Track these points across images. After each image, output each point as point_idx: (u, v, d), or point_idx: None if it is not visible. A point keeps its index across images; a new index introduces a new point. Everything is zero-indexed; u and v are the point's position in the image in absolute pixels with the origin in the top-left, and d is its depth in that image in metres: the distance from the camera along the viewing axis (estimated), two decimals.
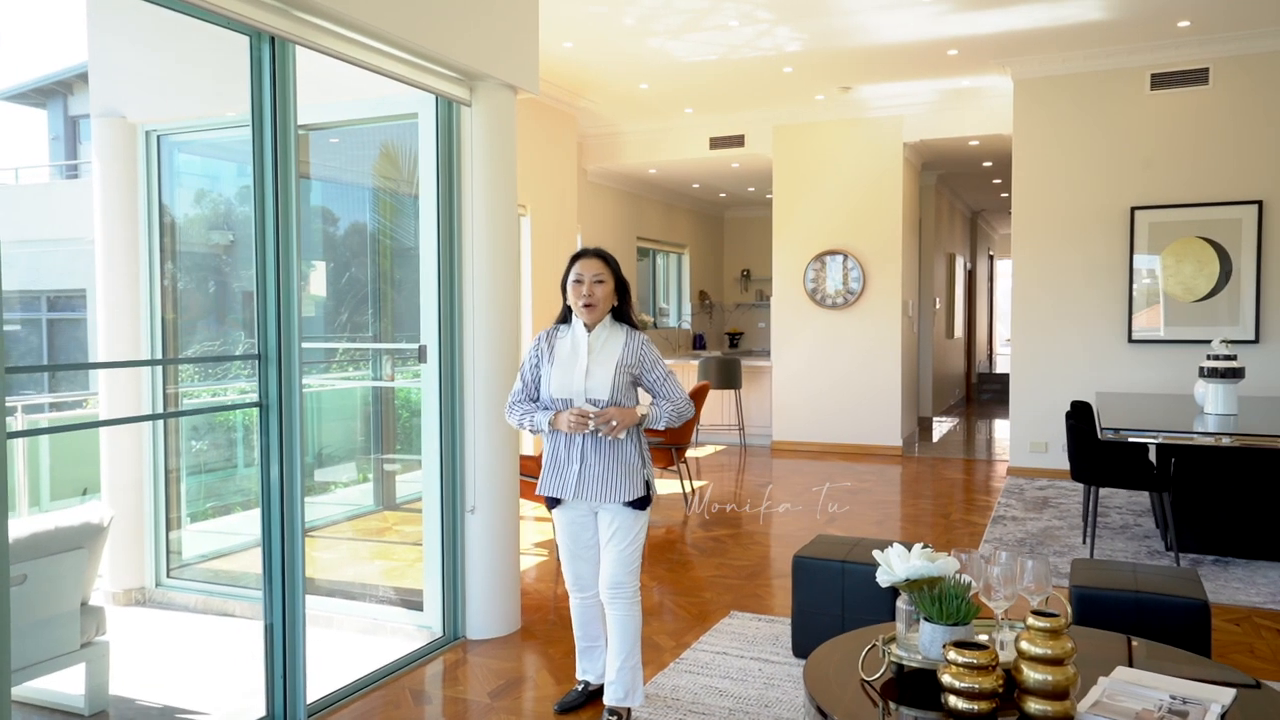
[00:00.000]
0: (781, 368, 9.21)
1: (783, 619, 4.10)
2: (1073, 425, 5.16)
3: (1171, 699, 2.12)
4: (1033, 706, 2.03)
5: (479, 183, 3.83)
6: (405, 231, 5.09)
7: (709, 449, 9.38)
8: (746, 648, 3.76)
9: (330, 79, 3.87)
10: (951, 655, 2.06)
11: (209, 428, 4.82)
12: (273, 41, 2.94)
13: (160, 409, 4.25)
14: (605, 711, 3.05)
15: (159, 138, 4.42)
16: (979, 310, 15.88)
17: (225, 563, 4.78)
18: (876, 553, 2.50)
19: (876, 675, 2.30)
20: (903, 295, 8.85)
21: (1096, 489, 5.07)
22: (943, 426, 10.87)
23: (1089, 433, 5.08)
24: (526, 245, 7.70)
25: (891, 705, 2.20)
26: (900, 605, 2.44)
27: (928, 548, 2.44)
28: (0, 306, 2.19)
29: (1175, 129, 7.10)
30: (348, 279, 5.43)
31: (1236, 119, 6.93)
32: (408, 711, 3.27)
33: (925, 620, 2.30)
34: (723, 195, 12.50)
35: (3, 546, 2.15)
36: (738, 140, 9.28)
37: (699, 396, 6.52)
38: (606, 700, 3.05)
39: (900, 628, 2.43)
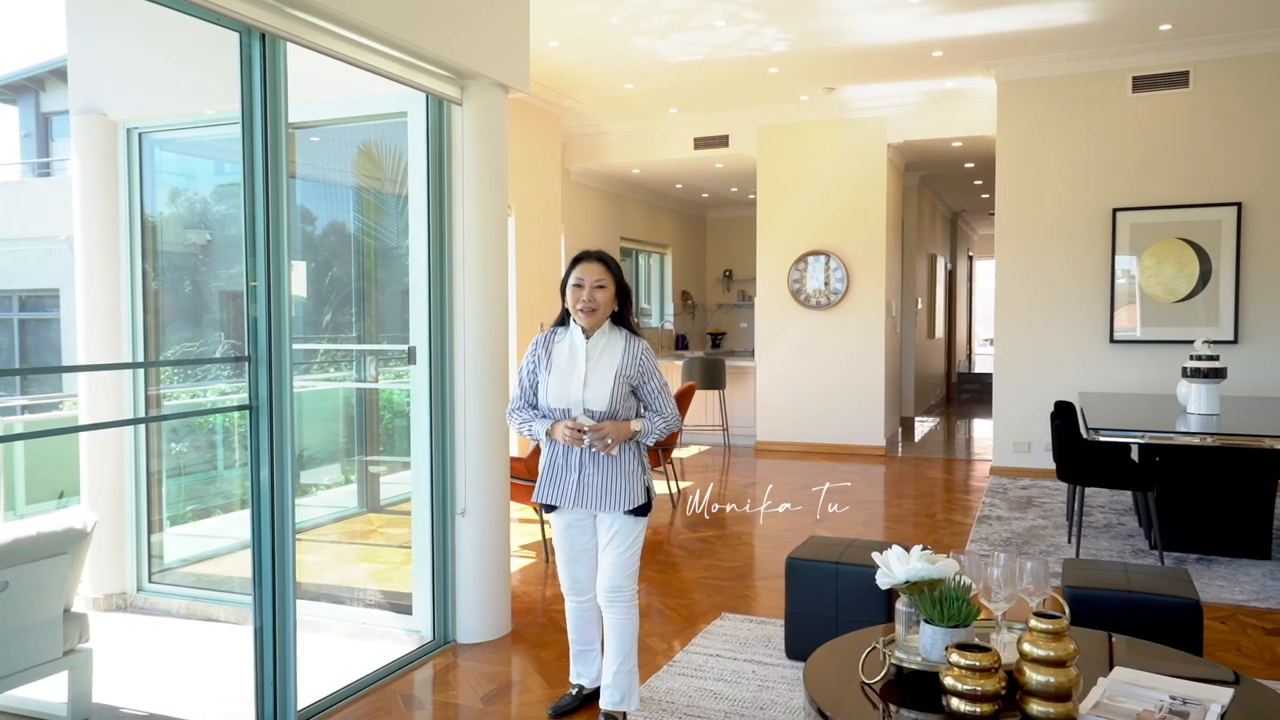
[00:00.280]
0: (765, 368, 9.22)
1: (774, 620, 4.10)
2: (1058, 425, 5.20)
3: (1171, 699, 2.13)
4: (1035, 708, 2.03)
5: (470, 182, 3.80)
6: (389, 231, 5.04)
7: (693, 449, 9.37)
8: (739, 650, 3.75)
9: (317, 77, 3.82)
10: (954, 657, 2.06)
11: (188, 429, 4.74)
12: (263, 38, 2.90)
13: (142, 411, 4.18)
14: (601, 715, 3.03)
15: (140, 135, 4.34)
16: (959, 310, 16.00)
17: (208, 566, 4.71)
18: (876, 555, 2.49)
19: (877, 678, 2.29)
20: (886, 295, 8.89)
21: (1082, 489, 5.11)
22: (924, 426, 10.93)
23: (1074, 433, 5.12)
24: (511, 246, 7.65)
25: (892, 708, 2.20)
26: (900, 607, 2.43)
27: (927, 549, 2.44)
28: None
29: (1156, 131, 7.17)
30: (330, 279, 5.37)
31: (1216, 121, 7.01)
32: (399, 717, 3.23)
33: (926, 622, 2.29)
34: (705, 195, 12.50)
35: None
36: (722, 140, 9.28)
37: (685, 397, 6.51)
38: (602, 704, 3.03)
39: (900, 630, 2.42)
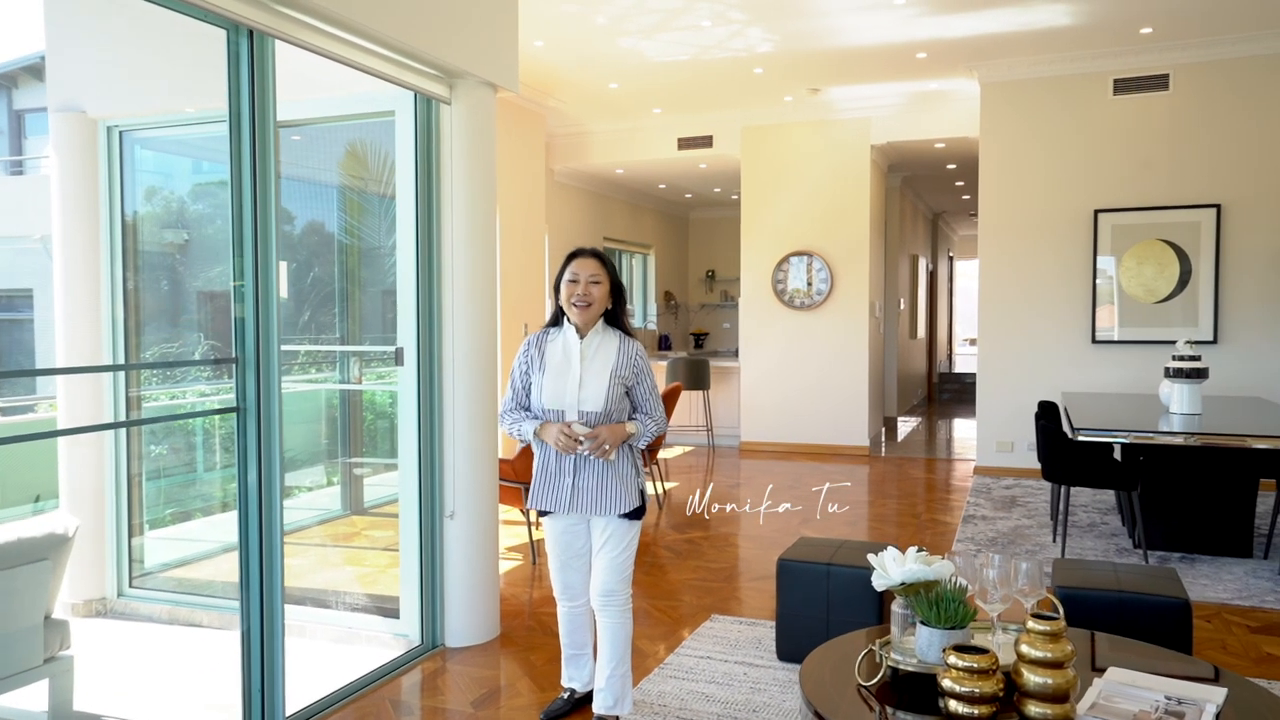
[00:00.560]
0: (750, 368, 9.23)
1: (764, 622, 4.09)
2: (1043, 426, 5.23)
3: (1166, 699, 2.14)
4: (1033, 710, 2.03)
5: (459, 182, 3.77)
6: (373, 231, 4.99)
7: (677, 450, 9.36)
8: (730, 652, 3.74)
9: (303, 75, 3.77)
10: (952, 660, 2.06)
11: (167, 431, 4.68)
12: (251, 35, 2.85)
13: (124, 413, 4.12)
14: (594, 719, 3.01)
15: (121, 133, 4.28)
16: (939, 311, 16.09)
17: (190, 571, 4.64)
18: (871, 556, 2.49)
19: (873, 680, 2.28)
20: (869, 296, 8.92)
21: (1067, 489, 5.14)
22: (907, 426, 10.98)
23: (1060, 433, 5.15)
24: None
25: (889, 710, 2.19)
26: (895, 609, 2.43)
27: (923, 551, 2.44)
28: None
29: (1137, 133, 7.24)
30: (311, 279, 5.31)
31: (1195, 124, 7.09)
32: None
33: (922, 624, 2.29)
34: (688, 196, 12.50)
35: None
36: (706, 141, 9.28)
37: (671, 398, 6.50)
38: (596, 708, 3.01)
39: (895, 632, 2.42)
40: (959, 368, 17.53)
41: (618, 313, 2.98)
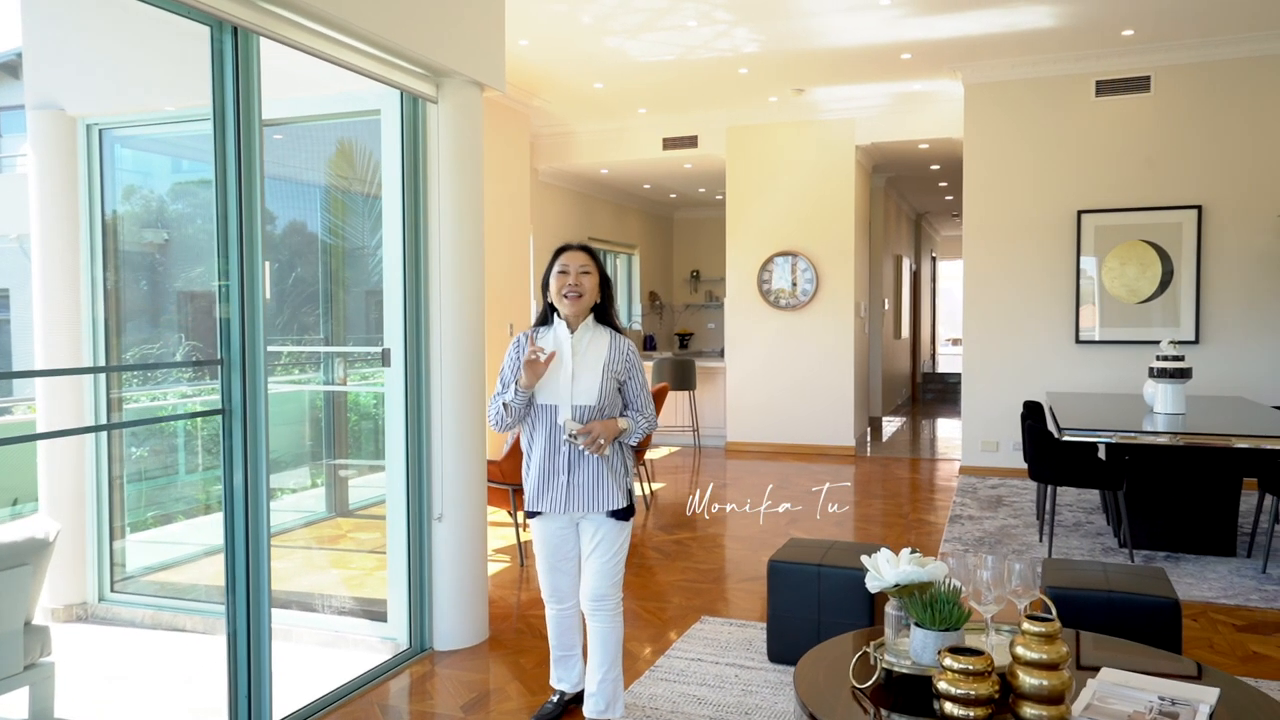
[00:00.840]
0: (735, 369, 9.22)
1: (755, 623, 4.08)
2: (1029, 426, 5.25)
3: (1160, 700, 2.14)
4: (1028, 711, 2.03)
5: (445, 181, 3.73)
6: (358, 231, 4.94)
7: (663, 450, 9.35)
8: (721, 654, 3.73)
9: (287, 73, 3.72)
10: (948, 661, 2.05)
11: (148, 433, 4.62)
12: (235, 32, 2.81)
13: (105, 415, 4.06)
14: None
15: (100, 131, 4.21)
16: (923, 311, 16.17)
17: (172, 574, 4.58)
18: (865, 558, 2.48)
19: (868, 682, 2.28)
20: (855, 296, 8.94)
21: (1054, 488, 5.16)
22: (892, 426, 11.02)
23: (1046, 433, 5.17)
24: None
25: (884, 712, 2.18)
26: (889, 611, 2.42)
27: (916, 552, 2.43)
28: None
29: (1119, 134, 7.29)
30: (294, 280, 5.26)
31: (1177, 126, 7.14)
32: None
33: (916, 626, 2.29)
34: (673, 196, 12.49)
35: None
36: (691, 141, 9.27)
37: (659, 398, 6.48)
38: (587, 712, 2.99)
39: (889, 633, 2.41)
40: (942, 368, 17.62)
41: (607, 308, 2.97)
